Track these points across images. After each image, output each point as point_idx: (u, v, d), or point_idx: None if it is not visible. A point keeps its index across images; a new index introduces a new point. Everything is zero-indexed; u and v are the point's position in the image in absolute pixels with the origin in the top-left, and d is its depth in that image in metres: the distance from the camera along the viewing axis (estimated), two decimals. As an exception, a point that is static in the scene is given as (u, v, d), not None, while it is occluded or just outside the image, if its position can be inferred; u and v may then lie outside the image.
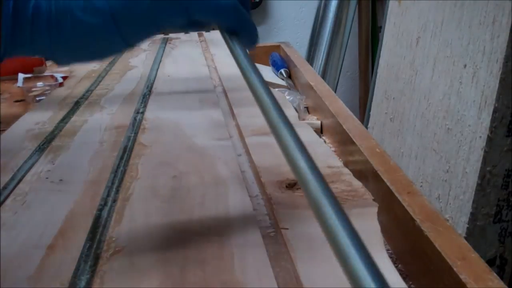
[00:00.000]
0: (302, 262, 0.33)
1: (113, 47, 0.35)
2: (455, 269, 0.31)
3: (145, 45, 1.12)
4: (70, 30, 0.33)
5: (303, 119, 0.68)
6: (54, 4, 0.33)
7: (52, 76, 0.98)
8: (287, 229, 0.37)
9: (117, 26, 0.33)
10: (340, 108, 0.61)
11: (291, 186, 0.44)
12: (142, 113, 0.69)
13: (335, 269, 0.33)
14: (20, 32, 0.33)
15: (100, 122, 0.65)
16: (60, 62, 0.36)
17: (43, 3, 0.33)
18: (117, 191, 0.45)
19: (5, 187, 0.47)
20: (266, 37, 1.90)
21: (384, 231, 0.38)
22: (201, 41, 1.17)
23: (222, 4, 0.35)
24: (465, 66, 0.87)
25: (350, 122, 0.57)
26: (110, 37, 0.33)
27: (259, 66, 0.97)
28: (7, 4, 0.31)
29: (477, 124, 0.82)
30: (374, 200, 0.42)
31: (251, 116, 0.63)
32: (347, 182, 0.45)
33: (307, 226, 0.38)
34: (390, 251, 0.41)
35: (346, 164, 0.49)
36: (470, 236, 0.83)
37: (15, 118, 0.72)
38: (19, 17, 0.32)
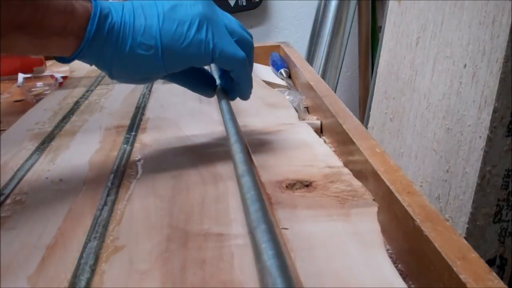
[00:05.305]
0: (302, 262, 0.33)
1: (156, 72, 0.44)
2: (455, 269, 0.31)
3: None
4: (128, 53, 0.42)
5: (303, 119, 0.68)
6: (122, 28, 0.42)
7: (52, 76, 0.98)
8: (287, 229, 0.37)
9: (163, 59, 0.43)
10: (340, 108, 0.61)
11: (291, 186, 0.44)
12: (142, 113, 0.69)
13: (335, 268, 0.33)
14: (95, 45, 0.42)
15: (100, 122, 0.65)
16: (113, 76, 0.44)
17: (116, 23, 0.42)
18: (117, 191, 0.45)
19: (5, 187, 0.47)
20: (266, 37, 1.90)
21: (384, 231, 0.38)
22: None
23: (239, 55, 0.46)
24: (465, 66, 0.87)
25: (350, 122, 0.57)
26: (156, 65, 0.43)
27: (259, 66, 0.97)
28: (92, 22, 0.41)
29: (477, 124, 0.82)
30: (374, 200, 0.42)
31: (251, 116, 0.63)
32: (347, 182, 0.45)
33: (307, 226, 0.38)
34: (390, 251, 0.41)
35: (346, 164, 0.49)
36: (470, 236, 0.83)
37: (15, 118, 0.72)
38: (98, 33, 0.41)
